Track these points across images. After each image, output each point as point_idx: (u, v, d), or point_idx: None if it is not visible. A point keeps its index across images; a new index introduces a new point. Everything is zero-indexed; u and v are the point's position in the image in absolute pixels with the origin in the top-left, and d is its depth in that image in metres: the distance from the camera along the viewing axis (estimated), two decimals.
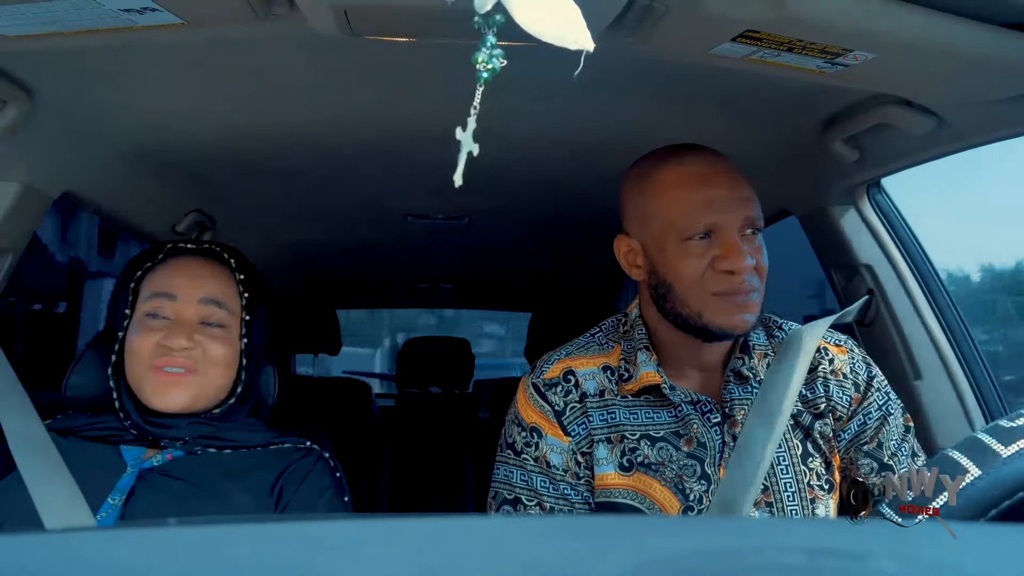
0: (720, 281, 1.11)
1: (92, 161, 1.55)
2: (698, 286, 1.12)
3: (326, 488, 1.25)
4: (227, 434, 1.24)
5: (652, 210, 1.16)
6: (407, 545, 0.35)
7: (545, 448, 1.18)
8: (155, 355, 1.19)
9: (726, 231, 1.11)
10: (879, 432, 1.19)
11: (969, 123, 1.20)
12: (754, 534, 0.41)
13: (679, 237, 1.12)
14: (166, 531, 0.38)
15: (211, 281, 1.24)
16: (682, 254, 1.13)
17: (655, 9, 0.91)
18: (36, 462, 1.11)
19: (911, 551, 0.39)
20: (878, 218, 1.62)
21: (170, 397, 1.18)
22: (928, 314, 1.60)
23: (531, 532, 0.40)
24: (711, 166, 1.14)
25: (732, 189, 1.12)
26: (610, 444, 1.17)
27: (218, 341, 1.22)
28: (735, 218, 1.11)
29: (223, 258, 1.28)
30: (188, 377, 1.19)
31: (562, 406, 1.19)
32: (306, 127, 1.51)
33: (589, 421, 1.18)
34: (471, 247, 2.70)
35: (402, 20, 0.95)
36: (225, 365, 1.24)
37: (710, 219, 1.10)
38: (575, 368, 1.21)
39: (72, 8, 0.88)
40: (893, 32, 0.91)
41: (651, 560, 0.34)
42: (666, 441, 1.16)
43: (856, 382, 1.21)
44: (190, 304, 1.22)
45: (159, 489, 1.17)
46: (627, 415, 1.18)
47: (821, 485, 1.17)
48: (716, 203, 1.11)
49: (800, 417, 1.19)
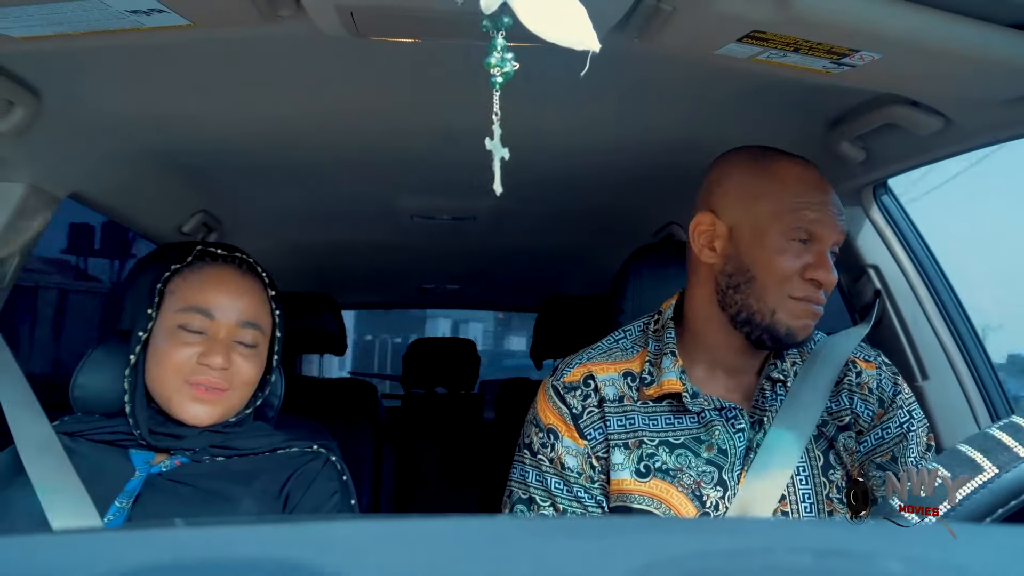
0: (803, 288, 1.12)
1: (98, 162, 1.56)
2: (782, 285, 1.12)
3: (333, 493, 1.25)
4: (235, 441, 1.24)
5: (765, 194, 1.14)
6: (412, 546, 0.35)
7: (561, 450, 1.18)
8: (192, 371, 1.17)
9: (823, 243, 1.12)
10: (896, 448, 1.17)
11: (976, 123, 1.19)
12: (760, 535, 0.41)
13: (784, 231, 1.12)
14: (172, 532, 0.38)
15: (250, 301, 1.22)
16: (781, 249, 1.12)
17: (662, 9, 0.91)
18: (43, 464, 1.11)
19: (917, 552, 0.38)
20: (884, 219, 1.62)
21: (202, 413, 1.17)
22: (934, 315, 1.60)
23: (537, 533, 0.40)
24: (815, 177, 1.15)
25: (836, 207, 1.14)
26: (627, 449, 1.16)
27: (250, 360, 1.21)
28: (833, 235, 1.13)
29: (257, 272, 1.26)
30: (221, 396, 1.18)
31: (580, 409, 1.19)
32: (312, 128, 1.51)
33: (607, 426, 1.17)
34: (477, 247, 2.70)
35: (408, 21, 0.95)
36: (252, 383, 1.23)
37: (817, 227, 1.12)
38: (596, 373, 1.21)
39: (79, 9, 0.88)
40: (899, 32, 0.90)
41: (659, 560, 0.34)
42: (685, 447, 1.16)
43: (881, 398, 1.20)
44: (227, 325, 1.20)
45: (166, 494, 1.17)
46: (647, 421, 1.18)
47: (840, 498, 1.16)
48: (826, 214, 1.12)
49: (825, 428, 1.18)
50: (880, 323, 1.64)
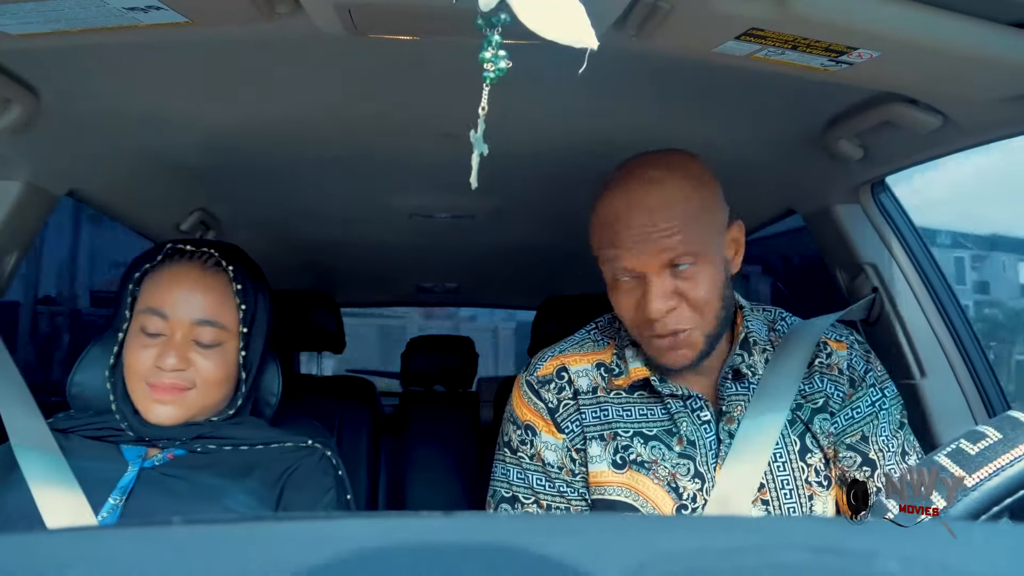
0: (643, 324, 1.11)
1: (96, 160, 1.55)
2: (633, 324, 1.13)
3: (328, 488, 1.24)
4: (227, 431, 1.23)
5: (595, 240, 1.15)
6: (409, 543, 0.35)
7: (540, 446, 1.18)
8: (149, 373, 1.17)
9: (644, 274, 1.09)
10: (866, 427, 1.17)
11: (975, 121, 1.19)
12: (754, 532, 0.41)
13: (609, 274, 1.13)
14: (167, 530, 0.38)
15: (205, 298, 1.20)
16: (613, 290, 1.14)
17: (659, 7, 0.91)
18: (38, 462, 1.11)
19: (915, 550, 0.38)
20: (882, 216, 1.62)
21: (164, 413, 1.17)
22: (932, 312, 1.60)
23: (533, 531, 0.40)
24: (627, 202, 1.09)
25: (646, 227, 1.07)
26: (603, 441, 1.17)
27: (211, 360, 1.19)
28: (649, 260, 1.07)
29: (221, 265, 1.23)
30: (180, 395, 1.17)
31: (555, 403, 1.19)
32: (311, 126, 1.51)
33: (582, 418, 1.18)
34: (476, 246, 2.70)
35: (406, 19, 0.95)
36: (220, 382, 1.21)
37: (628, 262, 1.08)
38: (568, 365, 1.21)
39: (76, 7, 0.88)
40: (898, 30, 0.90)
41: (654, 558, 0.34)
42: (658, 440, 1.16)
43: (852, 378, 1.20)
44: (182, 324, 1.18)
45: (159, 488, 1.17)
46: (620, 412, 1.18)
47: (820, 481, 1.16)
48: (628, 245, 1.08)
49: (800, 411, 1.17)
50: (878, 321, 1.64)
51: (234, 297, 1.22)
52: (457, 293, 3.70)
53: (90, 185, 1.60)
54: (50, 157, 1.44)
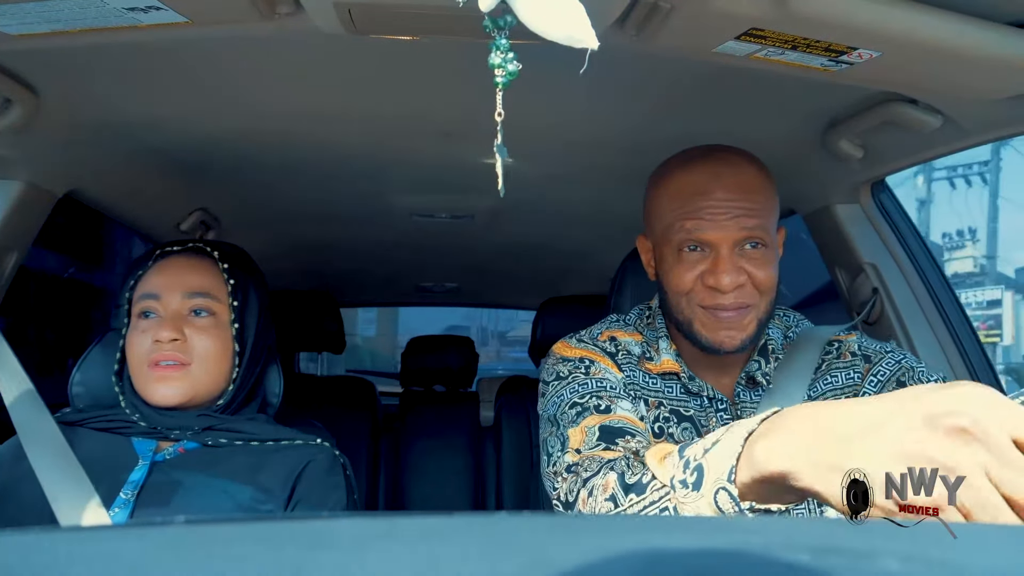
0: (707, 295, 1.11)
1: (96, 160, 1.55)
2: (687, 296, 1.13)
3: (338, 486, 1.25)
4: (238, 425, 1.25)
5: (656, 215, 1.16)
6: (411, 543, 0.35)
7: (597, 369, 1.16)
8: (149, 352, 1.20)
9: (716, 246, 1.10)
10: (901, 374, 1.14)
11: (974, 121, 1.19)
12: (754, 532, 0.41)
13: (673, 246, 1.13)
14: (177, 529, 0.38)
15: (192, 274, 1.26)
16: (675, 263, 1.13)
17: (660, 7, 0.91)
18: (49, 458, 1.11)
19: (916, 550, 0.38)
20: (882, 216, 1.62)
21: (165, 390, 1.19)
22: (932, 312, 1.60)
23: (536, 530, 0.40)
24: (714, 177, 1.11)
25: (732, 201, 1.09)
26: (647, 406, 1.17)
27: (207, 332, 1.23)
28: (727, 234, 1.09)
29: (206, 251, 1.30)
30: (180, 371, 1.20)
31: (614, 350, 1.20)
32: (311, 126, 1.51)
33: (635, 377, 1.19)
34: (476, 246, 2.70)
35: (406, 19, 0.95)
36: (217, 357, 1.24)
37: (702, 233, 1.10)
38: (617, 336, 1.23)
39: (77, 7, 0.88)
40: (898, 30, 0.91)
41: (661, 558, 0.34)
42: (692, 422, 1.16)
43: (867, 355, 1.19)
44: (174, 298, 1.23)
45: (171, 482, 1.17)
46: (665, 386, 1.19)
47: None
48: (709, 217, 1.09)
49: None
50: (878, 321, 1.64)
51: (221, 274, 1.28)
52: (457, 293, 3.70)
53: (90, 185, 1.60)
54: (50, 157, 1.44)
